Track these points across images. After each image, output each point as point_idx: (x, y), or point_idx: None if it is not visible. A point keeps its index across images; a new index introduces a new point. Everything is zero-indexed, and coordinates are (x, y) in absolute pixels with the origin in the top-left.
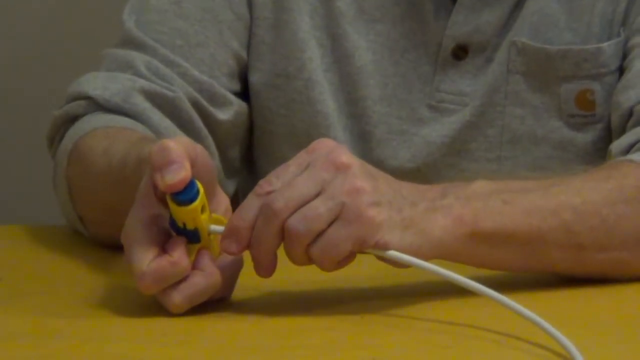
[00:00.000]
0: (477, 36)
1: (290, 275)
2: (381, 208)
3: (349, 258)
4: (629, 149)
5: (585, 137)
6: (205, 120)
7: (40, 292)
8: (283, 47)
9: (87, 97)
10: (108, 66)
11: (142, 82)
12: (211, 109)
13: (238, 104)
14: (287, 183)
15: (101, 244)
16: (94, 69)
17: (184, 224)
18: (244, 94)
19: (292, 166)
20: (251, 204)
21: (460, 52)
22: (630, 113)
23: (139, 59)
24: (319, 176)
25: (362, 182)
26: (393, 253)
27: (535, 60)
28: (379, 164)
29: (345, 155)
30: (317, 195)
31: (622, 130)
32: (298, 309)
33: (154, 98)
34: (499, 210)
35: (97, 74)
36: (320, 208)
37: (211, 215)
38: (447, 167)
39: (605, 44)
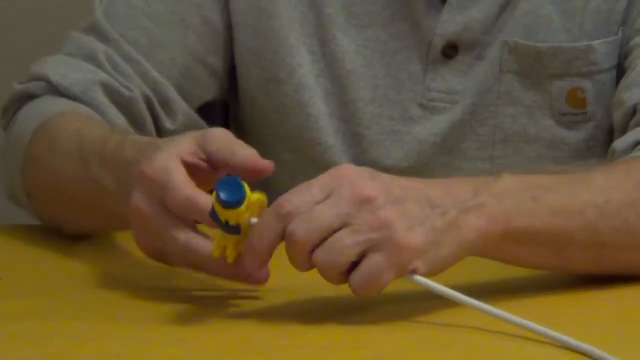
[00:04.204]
0: (467, 34)
1: (291, 276)
2: (415, 232)
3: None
4: (634, 147)
5: (577, 136)
6: (155, 125)
7: (40, 292)
8: (272, 53)
9: (48, 81)
10: (71, 50)
11: (102, 76)
12: (162, 114)
13: (188, 118)
14: (309, 210)
15: (44, 222)
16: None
17: (227, 221)
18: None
19: (314, 188)
20: (270, 224)
21: (451, 51)
22: (634, 111)
23: (101, 50)
24: (342, 209)
25: (388, 213)
26: (417, 278)
27: (526, 58)
28: (372, 165)
29: (369, 187)
30: (341, 227)
31: (625, 129)
32: (298, 309)
33: (112, 94)
34: (529, 209)
35: (61, 58)
36: (346, 241)
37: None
38: (440, 166)
39: (596, 42)
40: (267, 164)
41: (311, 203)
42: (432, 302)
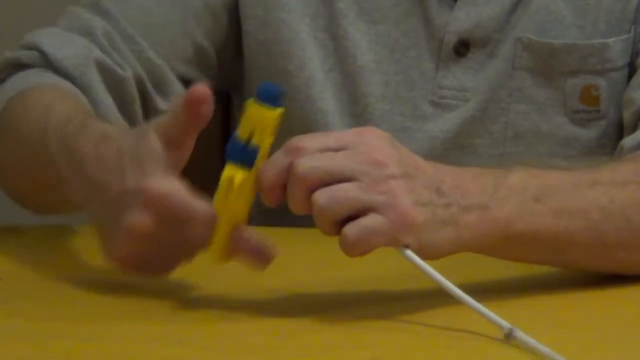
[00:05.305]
0: (479, 31)
1: (291, 276)
2: (419, 209)
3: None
4: None
5: (590, 134)
6: (145, 105)
7: (40, 292)
8: (282, 45)
9: (40, 51)
10: (69, 25)
11: (97, 53)
12: (154, 94)
13: None
14: (319, 151)
15: (10, 196)
16: None
17: (250, 138)
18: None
19: (331, 136)
20: (278, 157)
21: (462, 48)
22: None
23: (100, 26)
24: (353, 164)
25: (397, 184)
26: (409, 253)
27: (540, 55)
28: None
29: (385, 154)
30: (347, 180)
31: (634, 127)
32: (298, 309)
33: (104, 72)
34: (531, 210)
35: (57, 31)
36: (351, 193)
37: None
38: (450, 162)
39: (610, 40)
40: (197, 88)
41: (323, 145)
42: (432, 302)
